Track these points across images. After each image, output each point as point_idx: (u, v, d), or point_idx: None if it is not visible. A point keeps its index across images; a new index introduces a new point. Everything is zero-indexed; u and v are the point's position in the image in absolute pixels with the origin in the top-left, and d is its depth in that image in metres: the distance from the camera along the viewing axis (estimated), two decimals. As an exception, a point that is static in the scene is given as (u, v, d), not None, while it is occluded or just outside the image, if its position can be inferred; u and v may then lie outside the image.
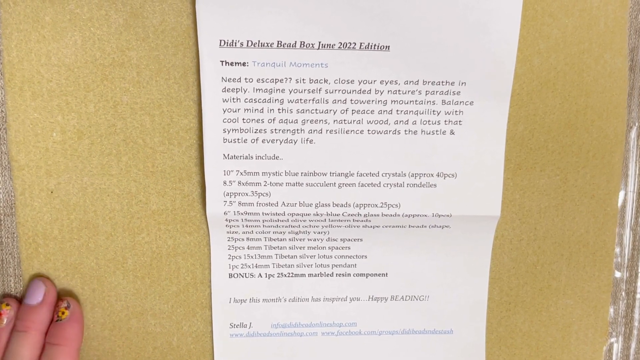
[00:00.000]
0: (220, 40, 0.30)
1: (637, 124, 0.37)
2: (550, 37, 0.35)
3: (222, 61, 0.30)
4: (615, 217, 0.38)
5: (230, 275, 0.35)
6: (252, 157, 0.32)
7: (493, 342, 0.38)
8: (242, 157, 0.32)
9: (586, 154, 0.37)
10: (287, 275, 0.35)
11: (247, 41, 0.30)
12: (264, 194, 0.33)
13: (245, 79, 0.31)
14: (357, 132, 0.32)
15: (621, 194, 0.38)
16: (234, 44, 0.30)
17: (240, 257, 0.35)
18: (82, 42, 0.33)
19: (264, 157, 0.32)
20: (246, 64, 0.30)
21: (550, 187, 0.37)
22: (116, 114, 0.34)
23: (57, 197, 0.34)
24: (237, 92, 0.31)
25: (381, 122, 0.32)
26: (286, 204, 0.33)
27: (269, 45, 0.30)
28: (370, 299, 0.36)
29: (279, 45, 0.30)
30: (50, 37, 0.32)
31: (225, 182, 0.32)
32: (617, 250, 0.38)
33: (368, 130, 0.32)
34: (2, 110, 0.33)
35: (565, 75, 0.36)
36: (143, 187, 0.35)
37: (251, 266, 0.35)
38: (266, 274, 0.35)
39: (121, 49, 0.33)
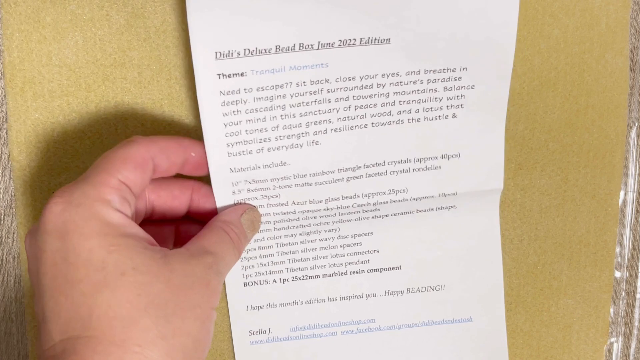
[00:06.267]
0: (216, 53, 0.28)
1: (637, 124, 0.37)
2: (551, 36, 0.35)
3: (219, 74, 0.29)
4: (617, 217, 0.38)
5: (245, 284, 0.35)
6: (259, 167, 0.31)
7: (494, 342, 0.38)
8: (249, 169, 0.31)
9: (587, 153, 0.37)
10: (301, 279, 0.35)
11: (244, 50, 0.28)
12: (274, 196, 0.32)
13: (245, 89, 0.29)
14: (361, 126, 0.32)
15: (621, 194, 0.38)
16: (230, 55, 0.28)
17: (253, 267, 0.34)
18: (83, 42, 0.33)
19: (271, 165, 0.31)
20: (244, 74, 0.29)
21: (551, 187, 0.37)
22: (117, 114, 0.34)
23: (58, 198, 0.34)
24: (237, 104, 0.29)
25: (384, 114, 0.32)
26: (296, 203, 0.33)
27: (267, 51, 0.29)
28: (387, 294, 0.36)
29: (278, 50, 0.29)
30: (51, 37, 0.32)
31: (234, 192, 0.31)
32: (617, 250, 0.39)
33: (372, 124, 0.32)
34: (3, 111, 0.33)
35: (566, 75, 0.36)
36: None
37: (265, 273, 0.35)
38: (280, 279, 0.35)
39: (122, 49, 0.33)
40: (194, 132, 0.34)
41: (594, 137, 0.37)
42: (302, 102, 0.30)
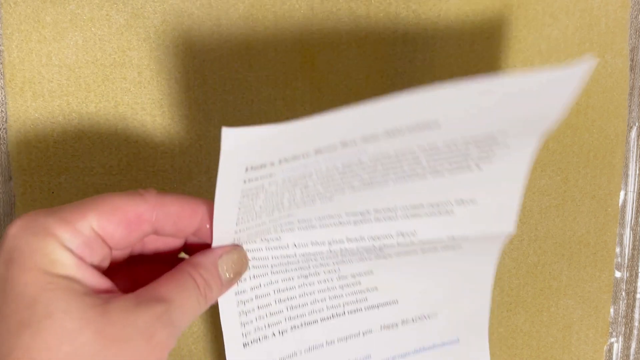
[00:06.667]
0: (247, 168, 0.24)
1: (637, 124, 0.37)
2: (551, 37, 0.35)
3: (245, 180, 0.25)
4: (617, 217, 0.38)
5: (245, 345, 0.32)
6: (265, 223, 0.28)
7: (494, 343, 0.38)
8: (254, 226, 0.28)
9: (587, 154, 0.37)
10: (299, 327, 0.33)
11: (279, 160, 0.24)
12: (274, 239, 0.30)
13: (269, 183, 0.25)
14: (381, 183, 0.29)
15: (621, 194, 0.38)
16: (262, 167, 0.24)
17: (252, 322, 0.31)
18: (83, 42, 0.33)
19: (277, 219, 0.29)
20: (272, 175, 0.25)
21: (551, 187, 0.37)
22: (117, 114, 0.34)
23: (58, 198, 0.34)
24: (257, 192, 0.26)
25: (408, 171, 0.29)
26: (297, 245, 0.30)
27: (305, 156, 0.25)
28: (382, 329, 0.34)
29: (317, 152, 0.25)
30: (51, 37, 0.32)
31: (232, 243, 0.29)
32: (617, 250, 0.39)
33: (392, 180, 0.29)
34: (3, 111, 0.33)
35: (566, 76, 0.36)
36: (144, 188, 0.34)
37: (263, 328, 0.32)
38: (279, 331, 0.32)
39: (122, 49, 0.33)
40: (193, 132, 0.34)
41: (594, 137, 0.37)
42: (328, 178, 0.27)
